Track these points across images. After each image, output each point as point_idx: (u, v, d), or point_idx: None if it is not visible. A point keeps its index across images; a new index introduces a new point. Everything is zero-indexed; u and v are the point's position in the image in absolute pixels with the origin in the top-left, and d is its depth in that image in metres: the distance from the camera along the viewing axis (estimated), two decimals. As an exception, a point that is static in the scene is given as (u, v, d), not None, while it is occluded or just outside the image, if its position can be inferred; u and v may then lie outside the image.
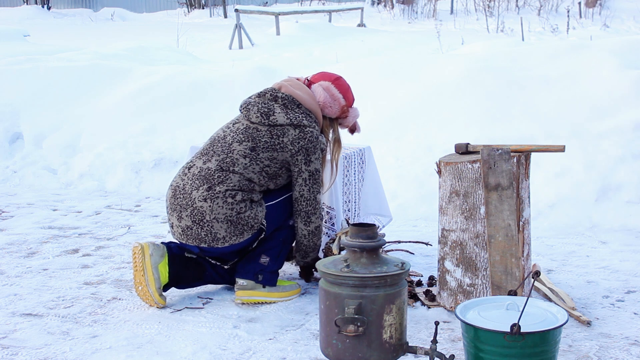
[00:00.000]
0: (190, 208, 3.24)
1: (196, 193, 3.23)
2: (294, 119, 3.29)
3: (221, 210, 3.20)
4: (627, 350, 2.86)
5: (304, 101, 3.37)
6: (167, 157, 6.13)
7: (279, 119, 3.29)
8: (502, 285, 3.01)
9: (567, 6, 18.34)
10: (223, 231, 3.22)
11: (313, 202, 3.34)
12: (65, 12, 23.58)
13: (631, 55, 6.35)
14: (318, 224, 3.38)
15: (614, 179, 4.90)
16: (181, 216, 3.26)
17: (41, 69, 7.62)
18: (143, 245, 3.30)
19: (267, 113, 3.30)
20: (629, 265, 3.91)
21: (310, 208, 3.34)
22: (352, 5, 19.96)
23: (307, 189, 3.32)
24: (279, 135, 3.28)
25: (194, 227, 3.24)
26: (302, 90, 3.41)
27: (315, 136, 3.32)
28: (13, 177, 6.25)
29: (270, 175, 3.31)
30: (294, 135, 3.28)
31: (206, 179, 3.25)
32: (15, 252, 4.26)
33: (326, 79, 3.49)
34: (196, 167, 3.32)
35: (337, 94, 3.46)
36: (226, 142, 3.32)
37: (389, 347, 2.46)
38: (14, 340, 3.01)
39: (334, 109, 3.45)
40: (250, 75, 7.19)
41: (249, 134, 3.30)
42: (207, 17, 22.28)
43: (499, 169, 3.05)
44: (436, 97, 6.09)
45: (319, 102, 3.42)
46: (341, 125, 3.57)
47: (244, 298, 3.36)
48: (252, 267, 3.36)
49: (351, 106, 3.53)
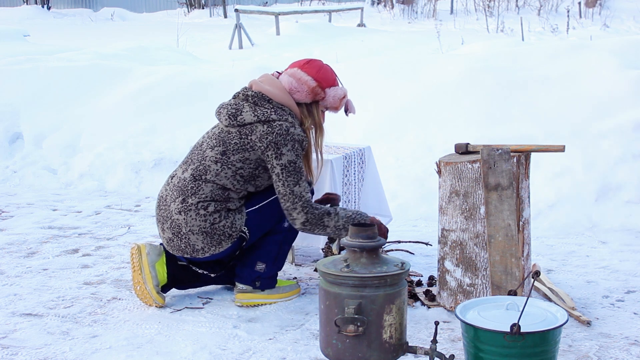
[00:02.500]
0: (169, 220, 3.23)
1: (173, 205, 3.22)
2: (261, 115, 3.20)
3: (195, 223, 3.17)
4: (627, 350, 2.86)
5: (274, 95, 3.28)
6: (167, 157, 6.13)
7: (247, 117, 3.21)
8: (502, 285, 3.01)
9: (567, 6, 18.33)
10: (200, 242, 3.20)
11: (290, 196, 3.15)
12: (65, 12, 23.58)
13: (631, 55, 6.35)
14: (304, 219, 3.16)
15: (614, 179, 4.90)
16: (163, 228, 3.27)
17: (41, 69, 7.62)
18: (140, 245, 3.30)
19: (235, 114, 3.23)
20: (629, 265, 3.91)
21: (288, 204, 3.16)
22: (352, 5, 19.96)
23: (280, 184, 3.16)
24: (248, 134, 3.20)
25: (174, 239, 3.24)
26: (272, 84, 3.32)
27: (285, 128, 3.18)
28: (13, 177, 6.25)
29: (246, 177, 3.22)
30: (262, 131, 3.18)
31: (181, 190, 3.22)
32: (15, 252, 4.26)
33: (295, 65, 3.39)
34: (177, 177, 3.30)
35: (304, 77, 3.30)
36: (202, 150, 3.28)
37: (389, 347, 2.46)
38: (14, 340, 3.01)
39: (302, 92, 3.30)
40: (250, 75, 7.11)
41: (221, 138, 3.24)
42: (207, 17, 22.28)
43: (499, 169, 3.05)
44: (436, 97, 6.09)
45: (287, 90, 3.30)
46: (327, 109, 3.40)
47: (243, 301, 3.36)
48: (249, 274, 3.34)
49: (328, 86, 3.33)
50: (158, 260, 3.32)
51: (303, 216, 3.17)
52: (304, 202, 3.17)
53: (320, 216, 3.18)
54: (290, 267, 3.92)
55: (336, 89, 3.36)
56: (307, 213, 3.17)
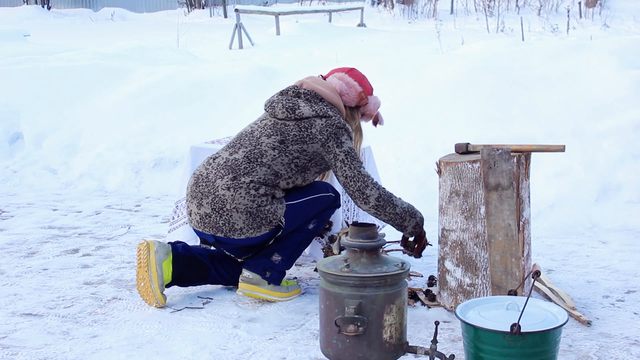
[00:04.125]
0: (211, 195, 3.24)
1: (220, 181, 3.25)
2: (319, 111, 3.32)
3: (242, 201, 3.20)
4: (627, 350, 2.86)
5: (326, 95, 3.41)
6: (167, 157, 6.13)
7: (305, 112, 3.32)
8: (502, 285, 3.01)
9: (567, 6, 18.34)
10: (241, 222, 3.21)
11: (359, 177, 3.23)
12: (65, 12, 23.58)
13: (631, 55, 6.35)
14: (377, 195, 3.21)
15: (614, 179, 4.90)
16: (201, 203, 3.27)
17: (41, 69, 7.62)
18: (149, 242, 3.31)
19: (293, 108, 3.33)
20: (629, 265, 3.91)
21: (360, 184, 3.22)
22: (352, 5, 19.95)
23: (347, 168, 3.25)
24: (307, 127, 3.30)
25: (213, 215, 3.24)
26: (323, 84, 3.45)
27: (343, 123, 3.34)
28: (13, 177, 6.25)
29: (300, 167, 3.31)
30: (321, 125, 3.30)
31: (232, 168, 3.27)
32: (15, 252, 4.26)
33: (340, 70, 3.57)
34: (222, 157, 3.34)
35: (352, 82, 3.48)
36: (254, 136, 3.35)
37: (389, 347, 2.46)
38: (14, 340, 3.01)
39: (351, 95, 3.47)
40: (250, 75, 7.19)
41: (277, 128, 3.33)
42: (207, 17, 22.28)
43: (499, 169, 3.05)
44: (436, 97, 6.09)
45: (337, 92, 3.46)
46: (364, 116, 3.58)
47: (246, 291, 3.36)
48: (263, 262, 3.36)
49: (370, 94, 3.55)
50: (165, 259, 3.33)
51: (376, 192, 3.22)
52: (373, 180, 3.26)
53: (390, 194, 3.26)
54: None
55: (376, 97, 3.57)
56: (379, 189, 3.24)
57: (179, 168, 5.80)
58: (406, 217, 3.27)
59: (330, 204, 3.48)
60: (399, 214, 3.25)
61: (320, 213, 3.44)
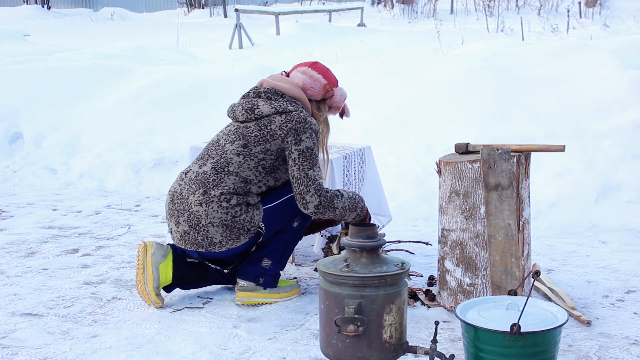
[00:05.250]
0: (187, 213, 3.24)
1: (192, 197, 3.23)
2: (278, 107, 3.29)
3: (216, 215, 3.19)
4: (627, 350, 2.86)
5: (287, 90, 3.37)
6: (167, 157, 6.13)
7: (264, 110, 3.29)
8: (502, 285, 3.01)
9: (567, 6, 18.34)
10: (219, 235, 3.21)
11: (304, 179, 3.20)
12: (65, 12, 23.58)
13: (631, 55, 6.35)
14: (317, 202, 3.19)
15: (614, 179, 4.90)
16: (179, 221, 3.27)
17: (41, 69, 7.62)
18: (147, 243, 3.31)
19: (252, 108, 3.31)
20: (629, 265, 3.91)
21: (302, 187, 3.20)
22: (352, 5, 19.96)
23: (296, 168, 3.21)
24: (267, 124, 3.27)
25: (191, 232, 3.24)
26: (283, 80, 3.41)
27: (303, 117, 3.28)
28: (13, 177, 6.25)
29: (267, 169, 3.28)
30: (280, 121, 3.26)
31: (202, 182, 3.25)
32: (15, 252, 4.26)
33: (302, 65, 3.53)
34: (192, 171, 3.32)
35: (315, 75, 3.45)
36: (219, 145, 3.33)
37: (389, 347, 2.46)
38: (14, 340, 3.01)
39: (315, 89, 3.44)
40: (250, 75, 7.18)
41: (239, 133, 3.31)
42: (207, 16, 22.28)
43: (499, 168, 3.05)
44: (436, 97, 6.09)
45: (300, 86, 3.42)
46: (331, 109, 3.53)
47: (244, 300, 3.36)
48: (254, 270, 3.35)
49: (335, 86, 3.51)
50: (163, 261, 3.32)
51: (317, 199, 3.21)
52: (317, 185, 3.22)
53: (331, 198, 3.23)
54: (290, 267, 3.92)
55: (341, 89, 3.53)
56: (320, 196, 3.21)
57: (179, 168, 5.79)
58: (345, 214, 3.28)
59: None
60: (338, 214, 3.27)
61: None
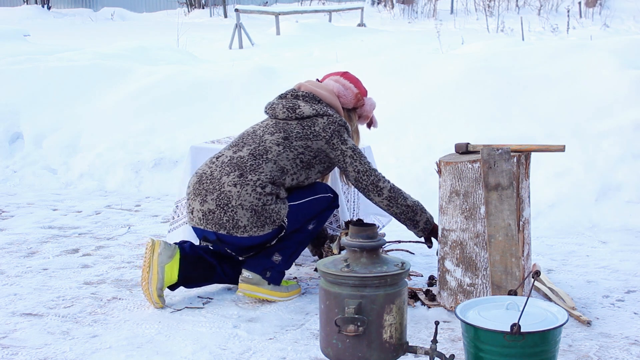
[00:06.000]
0: (217, 192, 3.25)
1: (226, 178, 3.26)
2: (319, 110, 3.40)
3: (248, 198, 3.22)
4: (627, 350, 2.86)
5: (324, 96, 3.48)
6: (167, 157, 6.13)
7: (305, 111, 3.39)
8: (502, 285, 3.01)
9: (567, 6, 18.34)
10: (245, 219, 3.22)
11: (371, 171, 3.36)
12: (65, 12, 23.58)
13: (631, 55, 6.35)
14: (389, 187, 3.36)
15: (614, 179, 4.90)
16: (205, 200, 3.27)
17: (41, 69, 7.62)
18: (155, 242, 3.31)
19: (293, 107, 3.40)
20: (629, 265, 3.91)
21: (372, 177, 3.34)
22: (352, 5, 19.96)
23: (358, 163, 3.35)
24: (310, 125, 3.37)
25: (217, 211, 3.24)
26: (320, 87, 3.53)
27: (344, 121, 3.43)
28: (13, 177, 6.25)
29: (305, 163, 3.35)
30: (323, 123, 3.37)
31: (238, 166, 3.29)
32: (15, 252, 4.26)
33: (334, 74, 3.66)
34: (225, 156, 3.37)
35: (347, 84, 3.58)
36: (257, 135, 3.40)
37: (389, 347, 2.46)
38: (14, 340, 3.01)
39: (348, 97, 3.56)
40: (250, 75, 7.19)
41: (279, 127, 3.39)
42: (207, 17, 22.28)
43: (499, 168, 3.05)
44: (436, 97, 6.09)
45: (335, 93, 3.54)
46: (360, 118, 3.66)
47: (246, 292, 3.36)
48: (263, 262, 3.36)
49: (365, 96, 3.64)
50: (169, 262, 3.31)
51: (388, 184, 3.37)
52: (382, 174, 3.40)
53: (399, 188, 3.40)
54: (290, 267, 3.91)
55: (371, 99, 3.67)
56: (389, 182, 3.39)
57: (179, 168, 5.80)
58: (417, 211, 3.39)
59: (329, 204, 3.49)
60: (410, 206, 3.38)
61: (319, 214, 3.45)
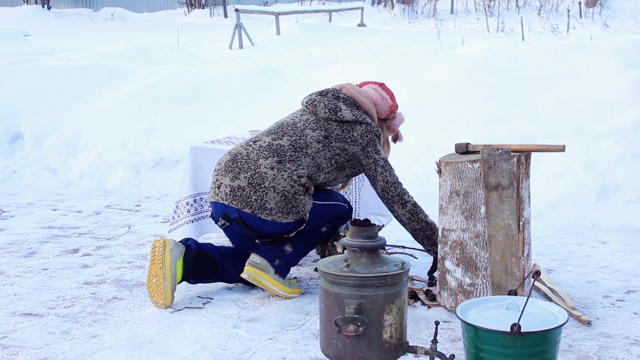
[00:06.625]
0: (251, 171, 3.29)
1: (264, 161, 3.31)
2: (358, 117, 3.46)
3: (282, 182, 3.26)
4: (628, 350, 2.86)
5: (363, 103, 3.54)
6: (167, 157, 6.13)
7: (346, 115, 3.44)
8: (502, 285, 3.01)
9: (567, 6, 18.34)
10: (274, 203, 3.25)
11: (399, 184, 3.45)
12: (65, 12, 23.58)
13: (631, 55, 6.35)
14: (413, 201, 3.45)
15: (614, 179, 4.90)
16: (237, 177, 3.30)
17: (41, 69, 7.62)
18: (165, 240, 3.33)
19: (334, 109, 3.45)
20: (629, 265, 3.91)
21: (399, 190, 3.43)
22: (352, 5, 19.96)
23: (388, 174, 3.44)
24: (349, 130, 3.43)
25: (247, 189, 3.27)
26: (360, 92, 3.59)
27: (380, 132, 3.51)
28: (13, 177, 6.25)
29: (339, 165, 3.41)
30: (361, 130, 3.44)
31: (277, 152, 3.34)
32: (15, 252, 4.26)
33: (373, 83, 3.75)
34: (264, 141, 3.41)
35: (385, 95, 3.68)
36: (297, 128, 3.44)
37: (389, 347, 2.46)
38: (14, 340, 3.01)
39: (384, 107, 3.64)
40: (250, 75, 7.19)
41: (320, 124, 3.44)
42: (207, 17, 22.28)
43: (499, 168, 3.05)
44: (436, 97, 6.09)
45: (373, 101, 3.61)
46: (388, 129, 3.73)
47: (251, 275, 3.36)
48: (274, 250, 3.39)
49: (397, 109, 3.71)
50: (180, 258, 3.35)
51: (412, 199, 3.47)
52: (406, 189, 3.51)
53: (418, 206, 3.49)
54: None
55: (401, 114, 3.74)
56: (413, 197, 3.49)
57: (179, 168, 5.79)
58: (435, 230, 3.44)
59: (344, 214, 3.56)
60: (430, 223, 3.46)
61: (335, 219, 3.52)
